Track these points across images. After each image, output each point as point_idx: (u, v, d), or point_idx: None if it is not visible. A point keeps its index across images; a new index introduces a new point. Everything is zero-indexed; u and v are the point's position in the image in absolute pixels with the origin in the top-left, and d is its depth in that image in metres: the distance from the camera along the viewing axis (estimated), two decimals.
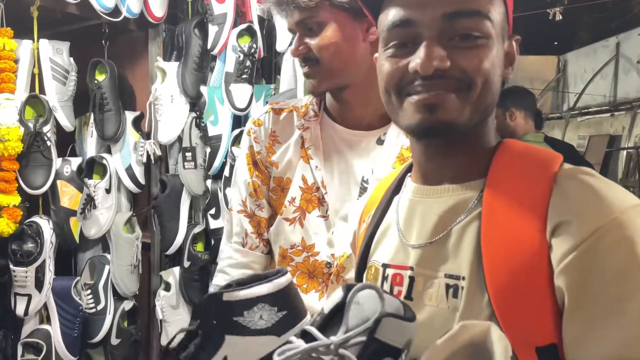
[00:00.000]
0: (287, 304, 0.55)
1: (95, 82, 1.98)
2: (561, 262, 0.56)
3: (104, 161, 2.01)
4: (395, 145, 1.09)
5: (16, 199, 1.78)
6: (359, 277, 0.77)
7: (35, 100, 1.84)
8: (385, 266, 0.71)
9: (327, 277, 1.10)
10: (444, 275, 0.64)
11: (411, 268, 0.67)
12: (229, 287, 0.56)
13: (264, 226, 1.19)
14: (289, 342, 0.48)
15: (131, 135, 2.06)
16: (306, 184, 1.12)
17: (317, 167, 1.11)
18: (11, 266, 1.82)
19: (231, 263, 1.18)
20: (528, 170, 0.63)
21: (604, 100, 5.77)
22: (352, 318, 0.47)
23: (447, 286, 0.63)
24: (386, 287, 0.70)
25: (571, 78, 6.35)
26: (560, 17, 3.16)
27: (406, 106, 0.63)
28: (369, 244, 0.75)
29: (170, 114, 2.02)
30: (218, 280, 1.20)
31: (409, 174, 0.75)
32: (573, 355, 0.56)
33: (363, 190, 1.07)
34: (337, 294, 0.50)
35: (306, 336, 0.48)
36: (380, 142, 1.11)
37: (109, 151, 2.08)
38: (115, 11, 1.89)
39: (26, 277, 1.81)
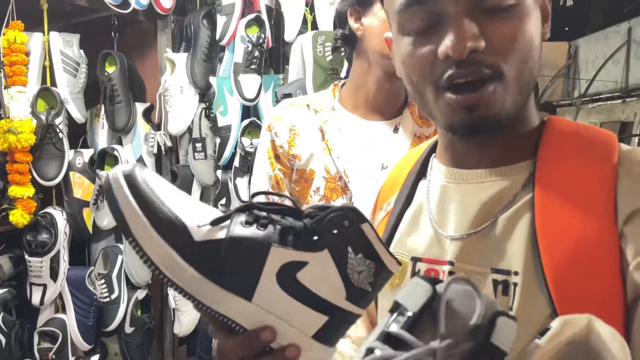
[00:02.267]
0: (377, 287, 0.52)
1: (106, 74, 2.00)
2: (639, 255, 0.49)
3: (115, 152, 2.03)
4: (410, 134, 1.15)
5: (30, 191, 1.80)
6: None
7: (46, 93, 1.86)
8: (415, 260, 0.63)
9: None
10: (491, 270, 0.56)
11: (450, 262, 0.59)
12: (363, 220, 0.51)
13: None
14: (369, 349, 0.39)
15: (142, 126, 2.07)
16: (329, 173, 1.16)
17: (338, 157, 1.15)
18: (26, 257, 1.85)
19: None
20: (584, 151, 0.56)
21: (615, 86, 5.71)
22: (450, 320, 0.38)
23: (496, 283, 0.56)
24: None
25: (582, 64, 6.29)
26: (572, 3, 3.12)
27: (443, 103, 0.56)
28: (392, 234, 0.67)
29: (180, 105, 2.03)
30: None
31: (434, 155, 0.67)
32: None
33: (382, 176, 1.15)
34: (422, 290, 0.40)
35: (390, 341, 0.39)
36: (396, 130, 1.17)
37: (120, 142, 2.10)
38: (124, 3, 1.90)
39: (41, 267, 1.84)
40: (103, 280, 2.05)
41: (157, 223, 0.47)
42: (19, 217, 1.78)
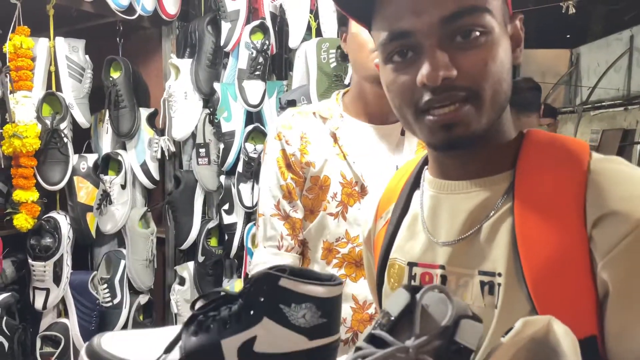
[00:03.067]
0: (330, 314, 0.55)
1: (110, 79, 2.01)
2: (607, 255, 0.55)
3: (119, 157, 2.04)
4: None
5: (34, 195, 1.81)
6: (380, 275, 0.75)
7: (52, 98, 1.87)
8: (411, 265, 0.69)
9: None
10: (478, 272, 0.62)
11: (442, 267, 0.66)
12: (283, 271, 0.55)
13: (298, 227, 1.22)
14: (358, 348, 0.46)
15: (146, 131, 2.08)
16: (345, 179, 1.17)
17: (354, 162, 1.17)
18: (30, 261, 1.86)
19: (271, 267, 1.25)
20: (558, 161, 0.61)
21: (617, 93, 5.72)
22: (425, 322, 0.45)
23: (482, 283, 0.62)
24: None
25: (584, 71, 6.30)
26: (574, 11, 3.13)
27: (423, 124, 0.61)
28: (391, 241, 0.74)
29: (184, 110, 2.04)
30: None
31: (426, 167, 0.73)
32: (616, 347, 0.55)
33: None
34: (402, 297, 0.47)
35: (375, 341, 0.46)
36: (403, 132, 1.19)
37: (124, 147, 2.11)
38: (130, 9, 1.91)
39: (44, 271, 1.84)
40: (105, 285, 2.06)
41: None
42: (23, 221, 1.79)
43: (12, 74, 1.74)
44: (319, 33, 2.06)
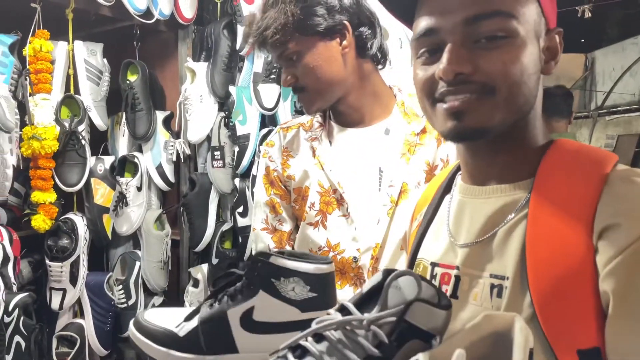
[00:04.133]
0: (320, 289, 0.63)
1: (127, 82, 2.03)
2: (607, 266, 0.55)
3: (136, 160, 2.06)
4: (401, 133, 1.14)
5: (52, 196, 1.83)
6: None
7: (70, 101, 1.89)
8: (434, 265, 0.72)
9: (357, 270, 1.14)
10: (489, 275, 0.64)
11: (457, 267, 0.68)
12: (282, 253, 0.65)
13: (285, 240, 1.24)
14: (327, 313, 0.53)
15: (161, 134, 2.10)
16: (322, 187, 1.17)
17: (330, 170, 1.16)
18: (47, 261, 1.88)
19: None
20: (579, 171, 0.62)
21: (633, 98, 5.66)
22: (390, 300, 0.51)
23: (492, 286, 0.63)
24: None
25: (599, 76, 6.24)
26: (590, 15, 3.11)
27: (437, 113, 0.64)
28: (420, 242, 0.76)
29: (199, 113, 2.05)
30: None
31: (459, 173, 0.75)
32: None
33: (381, 180, 1.14)
34: (377, 277, 0.53)
35: (343, 311, 0.52)
36: (387, 132, 1.16)
37: (140, 150, 2.13)
38: (147, 13, 1.93)
39: (61, 272, 1.86)
40: (121, 286, 2.07)
41: (154, 338, 0.68)
42: (40, 222, 1.81)
43: (32, 76, 1.77)
44: None
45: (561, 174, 0.62)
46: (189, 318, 0.67)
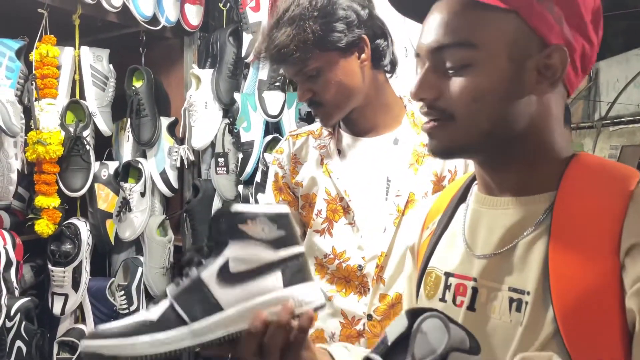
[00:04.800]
0: (285, 227, 0.63)
1: (133, 88, 2.03)
2: (634, 284, 0.54)
3: (139, 165, 2.06)
4: (410, 144, 1.15)
5: (56, 201, 1.83)
6: (419, 283, 0.77)
7: (75, 106, 1.90)
8: (448, 275, 0.71)
9: (362, 278, 1.14)
10: (508, 288, 0.63)
11: (474, 279, 0.67)
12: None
13: None
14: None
15: (166, 140, 2.10)
16: (330, 195, 1.17)
17: (338, 178, 1.16)
18: (49, 266, 1.88)
19: None
20: (602, 186, 0.61)
21: (636, 109, 5.65)
22: (418, 349, 0.48)
23: (511, 300, 0.63)
24: (449, 296, 0.70)
25: (603, 87, 6.24)
26: None
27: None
28: (432, 250, 0.75)
29: (204, 120, 2.06)
30: None
31: (475, 182, 0.75)
32: None
33: (388, 189, 1.14)
34: (401, 323, 0.50)
35: None
36: (396, 142, 1.17)
37: (144, 155, 2.13)
38: (153, 19, 1.94)
39: (64, 277, 1.86)
40: (123, 292, 2.07)
41: (125, 334, 0.59)
42: (44, 227, 1.81)
43: (38, 81, 1.78)
44: None
45: (584, 188, 0.62)
46: (154, 304, 0.64)
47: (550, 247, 0.60)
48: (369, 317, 1.11)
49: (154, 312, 0.61)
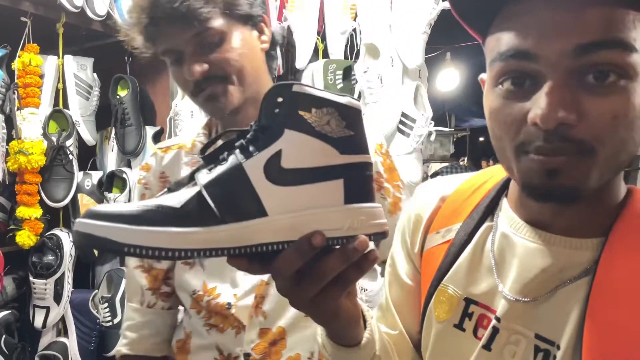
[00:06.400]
0: (356, 128, 0.50)
1: (117, 97, 2.01)
2: None
3: (124, 175, 2.03)
4: None
5: (38, 212, 1.80)
6: (428, 298, 0.68)
7: (58, 115, 1.87)
8: (469, 301, 0.63)
9: (232, 317, 0.98)
10: (535, 335, 0.57)
11: (497, 318, 0.60)
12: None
13: (160, 279, 1.07)
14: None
15: (151, 150, 2.07)
16: None
17: None
18: (31, 278, 1.84)
19: (129, 325, 1.09)
20: None
21: None
22: None
23: (537, 349, 0.56)
24: (469, 325, 0.63)
25: None
26: None
27: (523, 164, 0.53)
28: (450, 266, 0.66)
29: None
30: (118, 345, 1.11)
31: (505, 192, 0.65)
32: None
33: None
34: None
35: None
36: None
37: (129, 165, 2.10)
38: None
39: (45, 289, 1.83)
40: (106, 304, 2.03)
41: (134, 220, 0.45)
42: (25, 238, 1.78)
43: (20, 90, 1.75)
44: (325, 54, 2.07)
45: (638, 239, 0.54)
46: (176, 186, 0.50)
47: (590, 302, 0.53)
48: (247, 356, 0.96)
49: (175, 198, 0.47)
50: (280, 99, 0.48)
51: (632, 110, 0.49)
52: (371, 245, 0.50)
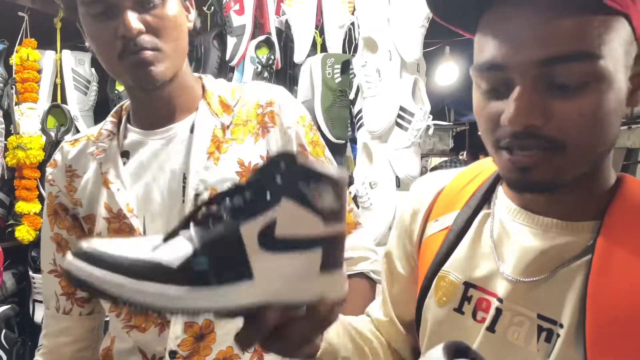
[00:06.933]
0: (341, 200, 0.52)
1: (116, 92, 2.01)
2: None
3: None
4: (209, 128, 0.91)
5: (37, 207, 1.80)
6: (427, 284, 0.70)
7: (57, 110, 1.87)
8: (468, 285, 0.66)
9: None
10: (537, 316, 0.59)
11: (500, 300, 0.62)
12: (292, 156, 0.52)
13: None
14: None
15: None
16: (111, 212, 0.91)
17: (118, 189, 0.91)
18: (31, 273, 1.85)
19: (46, 332, 1.02)
20: None
21: None
22: None
23: (540, 328, 0.59)
24: (467, 308, 0.65)
25: None
26: None
27: (500, 159, 0.58)
28: (449, 253, 0.68)
29: None
30: (37, 354, 1.04)
31: (501, 181, 0.68)
32: None
33: (185, 189, 0.89)
34: (436, 356, 0.46)
35: None
36: (192, 129, 0.92)
37: None
38: None
39: None
40: None
41: (130, 272, 0.48)
42: (24, 233, 1.78)
43: (18, 85, 1.75)
44: (324, 49, 2.07)
45: (633, 220, 0.56)
46: (169, 237, 0.51)
47: (590, 282, 0.55)
48: (173, 354, 0.88)
49: (172, 254, 0.49)
50: (282, 166, 0.50)
51: (600, 109, 0.52)
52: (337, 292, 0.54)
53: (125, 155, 0.93)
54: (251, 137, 0.92)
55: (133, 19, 0.81)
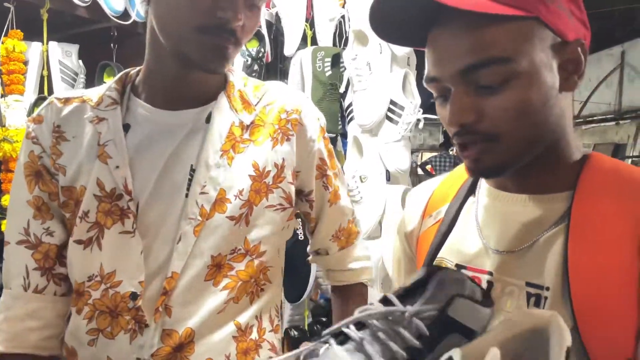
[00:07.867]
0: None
1: (104, 84, 1.99)
2: None
3: None
4: (226, 122, 0.86)
5: None
6: None
7: (43, 102, 1.85)
8: (460, 267, 0.71)
9: (135, 312, 0.81)
10: (526, 283, 0.64)
11: (490, 273, 0.68)
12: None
13: (53, 256, 0.88)
14: (370, 303, 0.53)
15: None
16: (104, 190, 0.83)
17: (117, 166, 0.83)
18: None
19: (8, 316, 0.87)
20: (621, 188, 0.62)
21: (608, 108, 5.78)
22: (433, 295, 0.51)
23: (529, 294, 0.64)
24: None
25: None
26: None
27: (460, 154, 0.66)
28: (442, 241, 0.75)
29: None
30: None
31: None
32: None
33: (191, 182, 0.84)
34: (419, 273, 0.54)
35: (386, 303, 0.53)
36: (208, 119, 0.86)
37: None
38: (125, 14, 1.90)
39: None
40: None
41: None
42: None
43: (4, 77, 1.73)
44: (314, 42, 2.06)
45: (602, 189, 0.63)
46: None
47: (570, 245, 0.61)
48: None
49: None
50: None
51: (523, 102, 0.59)
52: None
53: (125, 128, 0.86)
54: (270, 141, 0.88)
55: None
